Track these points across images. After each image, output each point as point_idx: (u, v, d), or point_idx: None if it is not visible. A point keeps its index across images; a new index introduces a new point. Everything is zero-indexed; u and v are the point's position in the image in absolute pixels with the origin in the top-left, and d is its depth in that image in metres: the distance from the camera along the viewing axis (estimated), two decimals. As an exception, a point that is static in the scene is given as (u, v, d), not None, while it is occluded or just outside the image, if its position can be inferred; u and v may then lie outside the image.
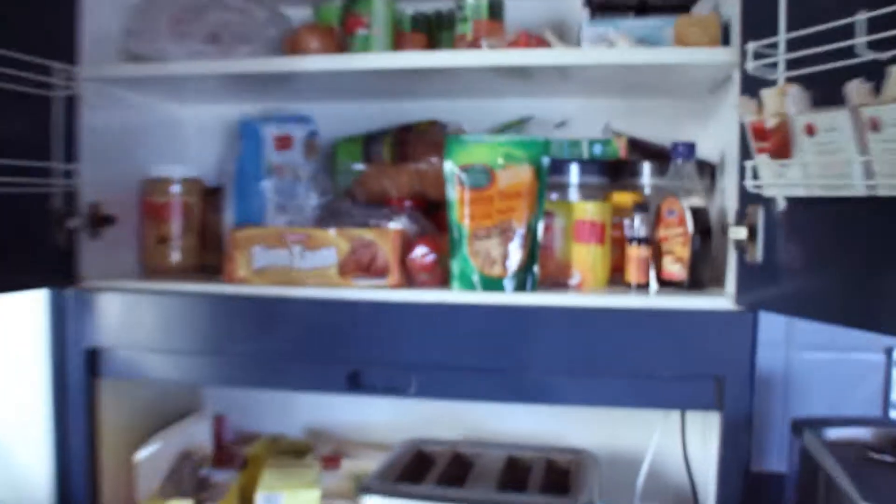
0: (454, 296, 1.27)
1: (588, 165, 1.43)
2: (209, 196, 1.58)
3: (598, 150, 1.48)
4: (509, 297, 1.26)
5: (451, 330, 1.25)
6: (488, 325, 1.25)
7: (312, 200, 1.45)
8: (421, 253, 1.32)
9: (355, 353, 1.28)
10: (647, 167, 1.42)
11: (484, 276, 1.27)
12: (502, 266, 1.27)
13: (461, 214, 1.28)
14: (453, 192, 1.29)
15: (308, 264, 1.32)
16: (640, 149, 1.49)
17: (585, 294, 1.28)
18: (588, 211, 1.33)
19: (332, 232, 1.33)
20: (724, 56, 1.22)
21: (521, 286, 1.28)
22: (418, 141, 1.50)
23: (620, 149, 1.47)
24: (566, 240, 1.34)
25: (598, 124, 1.55)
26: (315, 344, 1.29)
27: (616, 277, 1.36)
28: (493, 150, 1.28)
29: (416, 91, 1.53)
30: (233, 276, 1.35)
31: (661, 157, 1.45)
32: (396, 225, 1.37)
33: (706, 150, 1.41)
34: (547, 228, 1.32)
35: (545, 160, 1.28)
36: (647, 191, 1.43)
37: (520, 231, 1.27)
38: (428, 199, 1.47)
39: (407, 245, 1.33)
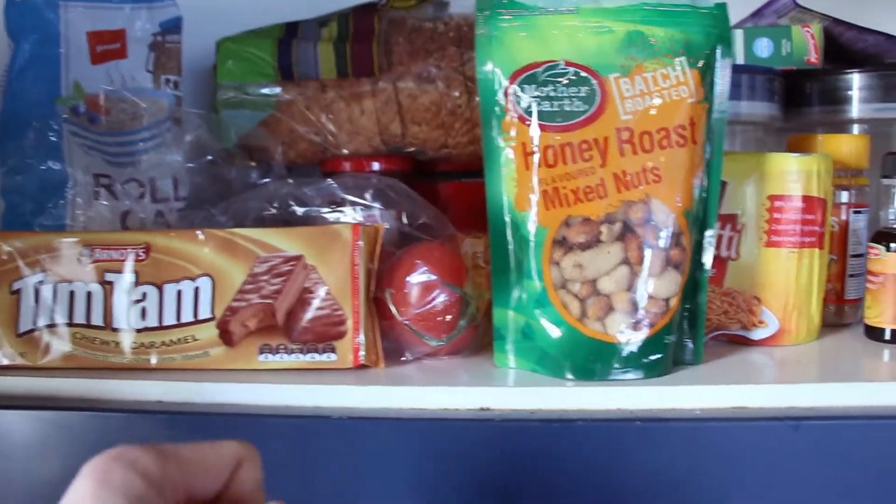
0: (503, 396, 0.51)
1: (756, 79, 0.68)
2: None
3: (763, 48, 0.72)
4: (651, 393, 0.51)
5: (492, 484, 0.49)
6: (599, 472, 0.49)
7: (169, 167, 0.66)
8: (420, 283, 0.55)
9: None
10: (864, 83, 0.68)
11: (584, 342, 0.52)
12: (629, 315, 0.51)
13: (523, 189, 0.52)
14: (500, 138, 0.52)
15: (148, 318, 0.54)
16: (844, 47, 0.75)
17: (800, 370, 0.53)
18: (793, 174, 0.59)
19: (202, 237, 0.55)
20: None
21: (671, 362, 0.53)
22: (395, 29, 0.70)
23: (810, 46, 0.72)
24: (743, 242, 0.59)
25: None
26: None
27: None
28: (601, 26, 0.51)
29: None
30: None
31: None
32: (356, 215, 0.60)
33: None
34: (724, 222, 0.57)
35: (722, 54, 0.52)
36: (862, 129, 0.70)
37: (668, 227, 0.51)
38: (421, 155, 0.70)
39: (389, 266, 0.56)
